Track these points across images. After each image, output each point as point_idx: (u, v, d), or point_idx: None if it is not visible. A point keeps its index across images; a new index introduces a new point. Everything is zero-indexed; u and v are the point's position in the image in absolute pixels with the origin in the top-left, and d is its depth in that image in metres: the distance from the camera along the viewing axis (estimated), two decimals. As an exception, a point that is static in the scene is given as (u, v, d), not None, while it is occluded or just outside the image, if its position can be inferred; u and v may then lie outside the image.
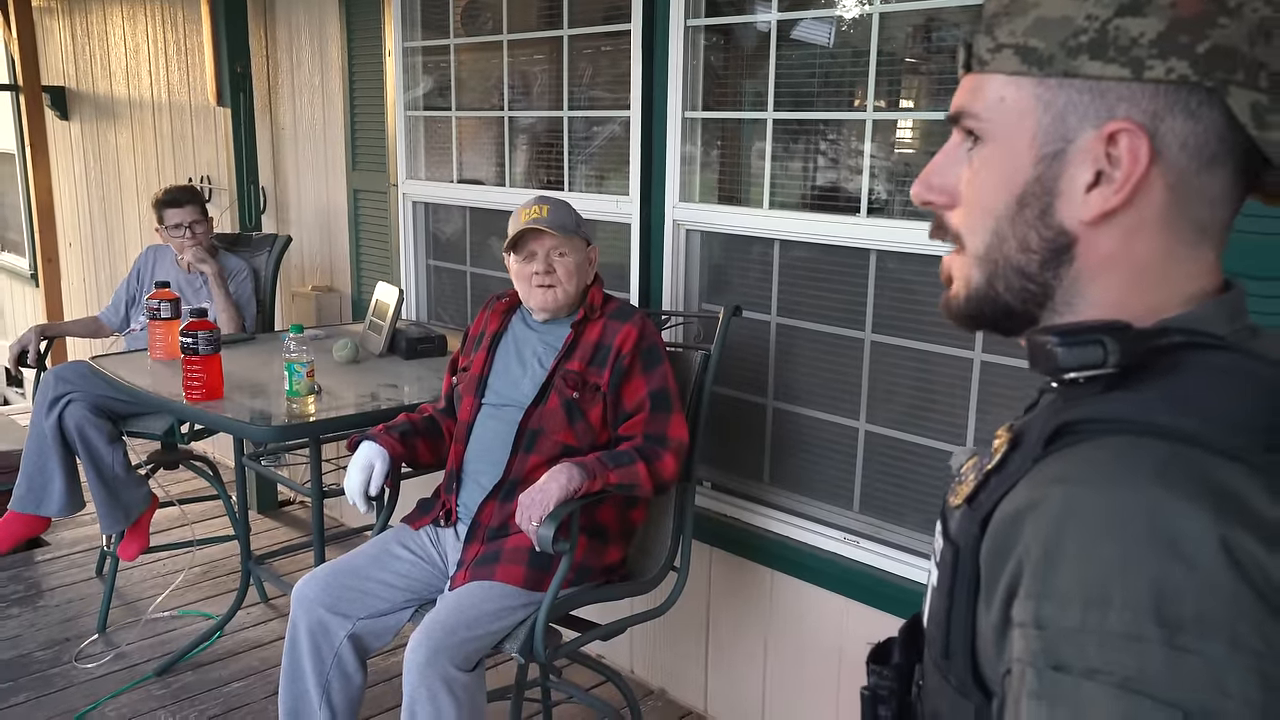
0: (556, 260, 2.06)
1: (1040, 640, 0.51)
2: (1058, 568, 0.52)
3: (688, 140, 2.43)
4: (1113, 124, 0.59)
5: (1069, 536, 0.52)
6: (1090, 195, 0.61)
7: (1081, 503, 0.53)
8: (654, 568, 2.15)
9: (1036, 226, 0.63)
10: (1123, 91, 0.59)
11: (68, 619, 3.06)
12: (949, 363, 2.05)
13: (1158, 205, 0.60)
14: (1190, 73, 0.57)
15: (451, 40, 3.07)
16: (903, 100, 2.18)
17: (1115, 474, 0.53)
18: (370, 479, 2.04)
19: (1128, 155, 0.59)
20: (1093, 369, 0.58)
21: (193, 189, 3.35)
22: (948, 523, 0.66)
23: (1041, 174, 0.62)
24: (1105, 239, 0.62)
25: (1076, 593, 0.50)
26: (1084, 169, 0.61)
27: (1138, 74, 0.58)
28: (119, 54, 4.68)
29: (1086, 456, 0.55)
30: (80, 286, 5.37)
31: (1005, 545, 0.56)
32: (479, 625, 1.86)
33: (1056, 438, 0.58)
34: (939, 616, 0.64)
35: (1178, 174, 0.60)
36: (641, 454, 1.97)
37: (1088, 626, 0.50)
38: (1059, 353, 0.58)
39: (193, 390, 2.36)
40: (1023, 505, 0.56)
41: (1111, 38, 0.58)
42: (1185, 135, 0.59)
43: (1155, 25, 0.58)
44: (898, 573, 2.11)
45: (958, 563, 0.62)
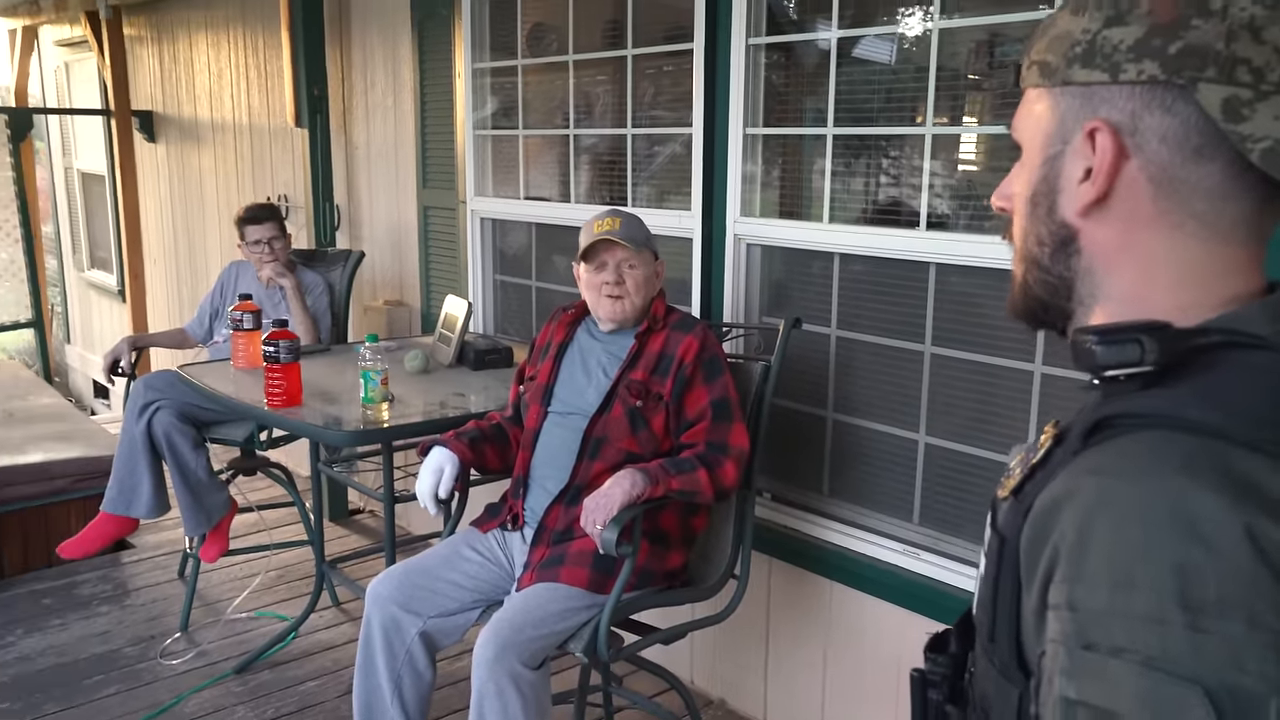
0: (627, 272, 2.13)
1: (1072, 621, 0.55)
2: (1088, 553, 0.55)
3: (749, 156, 2.49)
4: (1090, 123, 0.65)
5: (1099, 524, 0.56)
6: (1080, 189, 0.67)
7: (1112, 492, 0.56)
8: (714, 575, 2.21)
9: (1045, 221, 0.69)
10: (1104, 94, 0.65)
11: (153, 617, 3.22)
12: (1010, 375, 2.07)
13: (1145, 197, 0.65)
14: (1159, 72, 0.62)
15: (519, 61, 3.18)
16: (962, 116, 2.21)
17: (1145, 466, 0.57)
18: (440, 482, 2.13)
19: (1100, 149, 0.65)
20: (1131, 366, 0.62)
21: (272, 206, 3.51)
22: (996, 514, 0.70)
23: (1046, 174, 0.69)
24: (1102, 230, 0.67)
25: (1105, 577, 0.54)
26: (1076, 165, 0.67)
27: (1115, 76, 0.64)
28: (203, 79, 4.92)
29: (1120, 449, 0.59)
30: (163, 301, 5.62)
31: (1043, 532, 0.60)
32: (545, 624, 1.94)
33: (1095, 432, 0.61)
34: (986, 603, 0.68)
35: (1159, 167, 0.64)
36: (703, 461, 2.03)
37: (1114, 608, 0.53)
38: (1098, 351, 0.62)
39: (274, 397, 2.49)
40: (1060, 495, 0.59)
41: (1098, 47, 0.64)
42: (1164, 130, 0.63)
43: (1135, 32, 0.63)
44: (958, 585, 2.12)
45: (1003, 552, 0.66)
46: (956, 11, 2.11)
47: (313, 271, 3.49)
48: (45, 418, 4.28)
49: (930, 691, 0.80)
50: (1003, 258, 1.97)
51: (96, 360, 6.33)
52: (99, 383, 6.73)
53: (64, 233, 7.11)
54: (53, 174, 7.19)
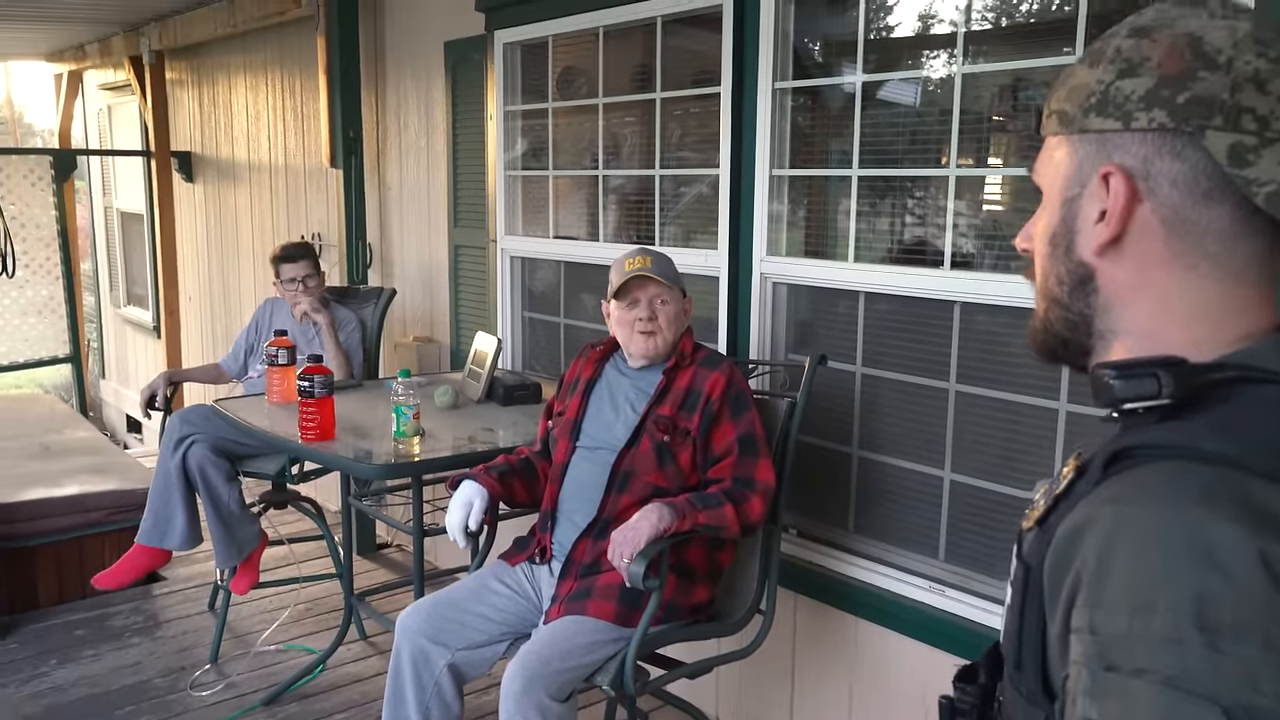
0: (659, 308, 2.19)
1: (1094, 644, 0.58)
2: (1108, 579, 0.58)
3: (775, 196, 2.55)
4: (1104, 167, 0.69)
5: (1119, 550, 0.58)
6: (1095, 229, 0.71)
7: (1132, 520, 0.59)
8: (740, 610, 2.23)
9: (1064, 261, 0.74)
10: (1118, 140, 0.69)
11: (183, 649, 3.26)
12: (1034, 413, 2.09)
13: (1158, 238, 0.69)
14: (1169, 120, 0.66)
15: (549, 104, 3.27)
16: (985, 157, 2.26)
17: (1163, 495, 0.59)
18: (470, 515, 2.17)
19: (1114, 192, 0.69)
20: (1148, 400, 0.65)
21: (307, 245, 3.61)
22: (1021, 545, 0.74)
23: (1065, 216, 0.73)
24: (1119, 269, 0.71)
25: (1125, 601, 0.57)
26: (1092, 207, 0.71)
27: (1127, 124, 0.68)
28: (241, 121, 5.07)
29: (1138, 479, 0.62)
30: (197, 338, 5.75)
31: (1065, 559, 0.62)
32: (572, 657, 1.96)
33: (1114, 463, 0.64)
34: (1012, 632, 0.71)
35: (1171, 209, 0.68)
36: (729, 496, 2.06)
37: (1134, 631, 0.56)
38: (1116, 385, 0.66)
39: (308, 430, 2.55)
40: (1081, 523, 0.62)
41: (1111, 96, 0.69)
42: (1174, 174, 0.67)
43: (1145, 83, 0.67)
44: (983, 622, 2.13)
45: (1028, 580, 0.69)
46: (980, 57, 2.16)
47: (345, 308, 3.57)
48: (81, 451, 4.37)
49: (957, 719, 0.82)
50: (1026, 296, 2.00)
51: (131, 395, 6.47)
52: (132, 417, 6.85)
53: (102, 270, 7.29)
54: (93, 213, 7.39)
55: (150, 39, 5.38)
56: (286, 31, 4.52)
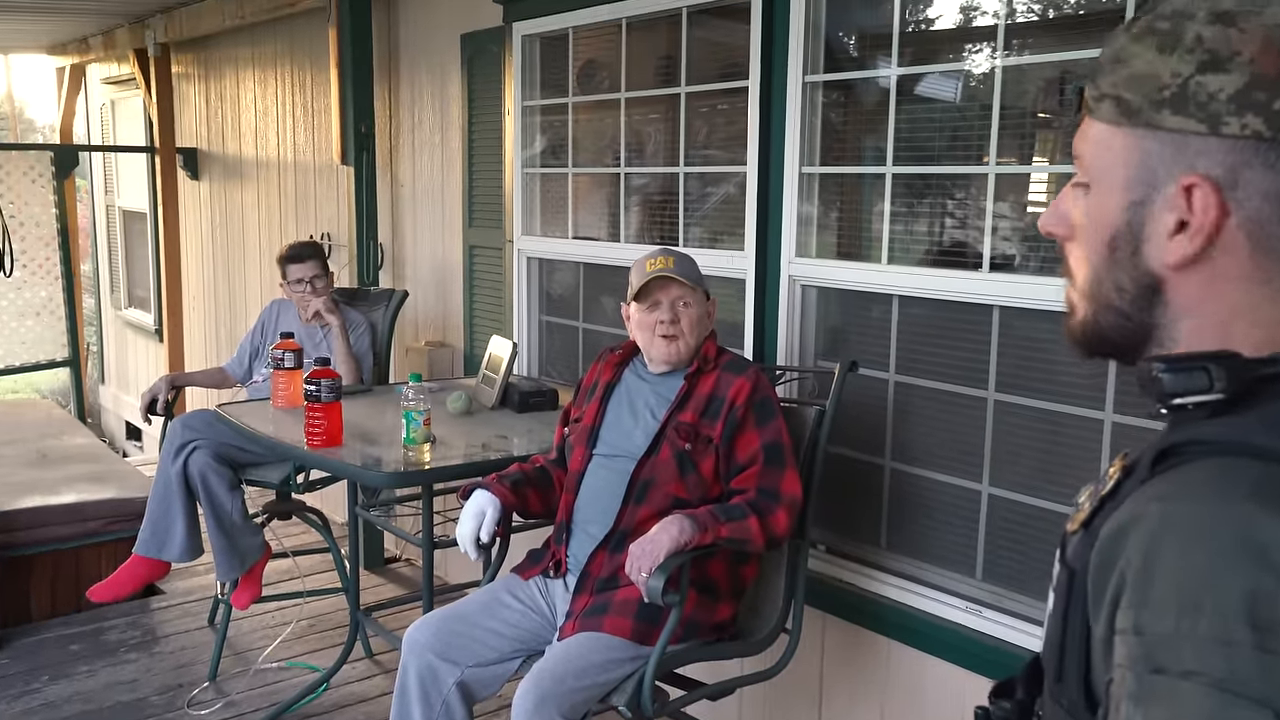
0: (681, 310, 2.22)
1: (1140, 645, 0.58)
2: (1154, 578, 0.59)
3: (804, 196, 2.58)
4: (1188, 177, 0.67)
5: (1165, 548, 0.59)
6: (1172, 242, 0.69)
7: (1178, 517, 0.60)
8: (764, 628, 2.25)
9: (1127, 269, 0.72)
10: (1201, 145, 0.66)
11: (181, 665, 3.32)
12: (1078, 424, 2.11)
13: (1241, 252, 0.68)
14: (1264, 129, 0.64)
15: (570, 99, 3.32)
16: (1027, 155, 2.28)
17: (1211, 491, 0.60)
18: (481, 526, 2.21)
19: (1200, 207, 0.67)
20: (1199, 395, 0.65)
21: (315, 245, 3.67)
22: (1065, 549, 0.74)
23: (1130, 219, 0.71)
24: (1191, 283, 0.69)
25: (1172, 600, 0.57)
26: (1168, 217, 0.69)
27: (1214, 129, 0.65)
28: (249, 116, 5.17)
29: (1187, 476, 0.63)
30: (200, 341, 5.84)
31: (1109, 559, 0.63)
32: (586, 676, 1.99)
33: (1162, 459, 0.65)
34: (1054, 639, 0.72)
35: (1259, 224, 0.66)
36: (754, 508, 2.08)
37: (1182, 631, 0.56)
38: (1165, 379, 0.66)
39: (314, 436, 2.60)
40: (1125, 521, 0.63)
41: (1192, 93, 0.66)
42: (1267, 188, 0.65)
43: (1235, 82, 0.64)
44: (1022, 644, 2.14)
45: (1072, 585, 0.69)
46: (1024, 49, 2.18)
47: (355, 310, 3.63)
48: (78, 458, 4.46)
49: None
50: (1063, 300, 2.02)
51: (131, 401, 6.57)
52: (132, 424, 6.96)
53: (103, 271, 7.43)
54: (94, 211, 7.54)
55: (155, 31, 5.49)
56: (297, 23, 4.61)
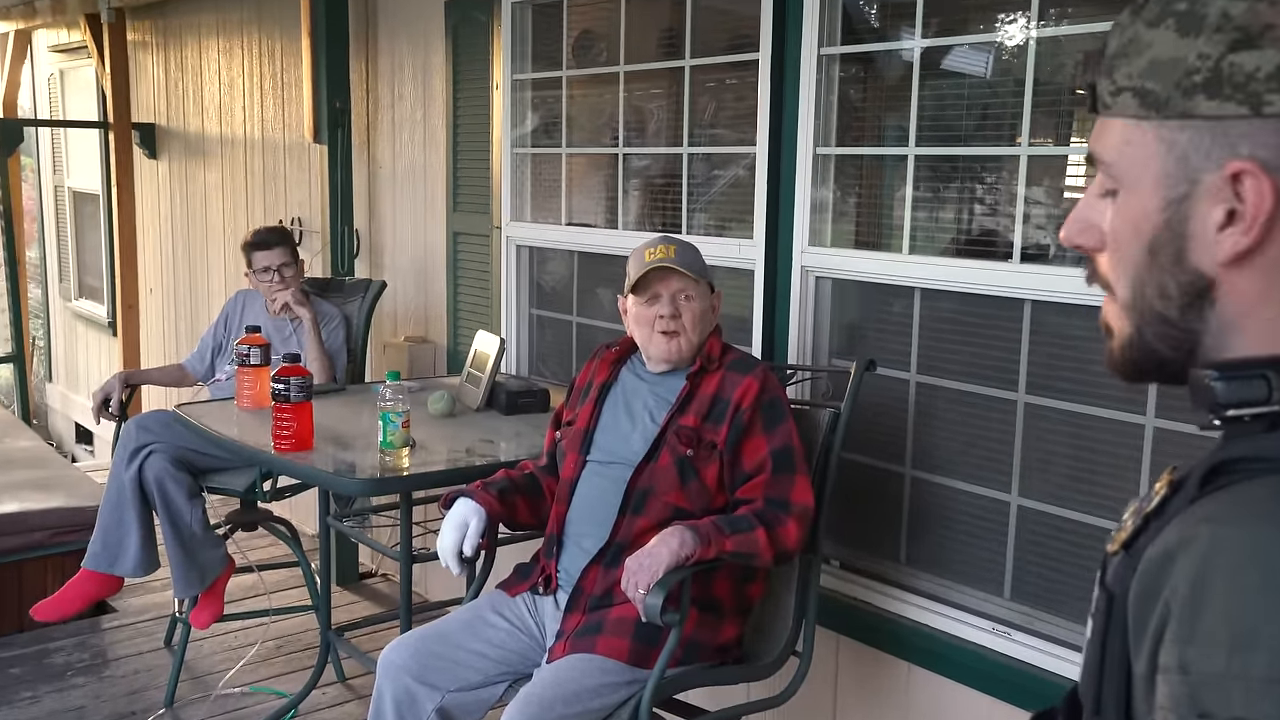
0: (683, 304, 2.22)
1: (1184, 685, 0.57)
2: (1203, 610, 0.58)
3: (819, 179, 2.59)
4: (1234, 164, 0.67)
5: (1216, 577, 0.58)
6: (1222, 236, 0.68)
7: (1231, 543, 0.59)
8: (772, 651, 2.25)
9: (1172, 272, 0.71)
10: (1244, 129, 0.66)
11: (134, 691, 3.32)
12: (1117, 429, 2.11)
13: None
14: None
15: (564, 73, 3.33)
16: (1064, 135, 2.28)
17: (1267, 513, 0.59)
18: (465, 538, 2.20)
19: (1253, 194, 0.66)
20: (1256, 405, 0.65)
21: (283, 230, 3.68)
22: (1105, 571, 0.74)
23: (1170, 218, 0.71)
24: (1245, 280, 0.69)
25: (1223, 636, 0.56)
26: (1215, 209, 0.68)
27: (1257, 110, 0.66)
28: (213, 90, 5.17)
29: (1241, 496, 0.62)
30: (159, 335, 5.84)
31: (1154, 587, 0.62)
32: (578, 701, 1.99)
33: (1213, 477, 0.65)
34: (1092, 668, 0.72)
35: None
36: (761, 519, 2.09)
37: (1233, 671, 0.55)
38: (1218, 388, 0.66)
39: (282, 440, 2.60)
40: (1172, 545, 0.62)
41: (1226, 75, 0.66)
42: None
43: (1272, 58, 0.65)
44: (1054, 670, 2.15)
45: (1112, 610, 0.69)
46: (1060, 18, 2.19)
47: (328, 303, 3.63)
48: (23, 463, 4.46)
49: None
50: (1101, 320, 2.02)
51: (81, 401, 6.57)
52: (82, 426, 6.96)
53: (50, 258, 7.42)
54: (40, 193, 7.54)
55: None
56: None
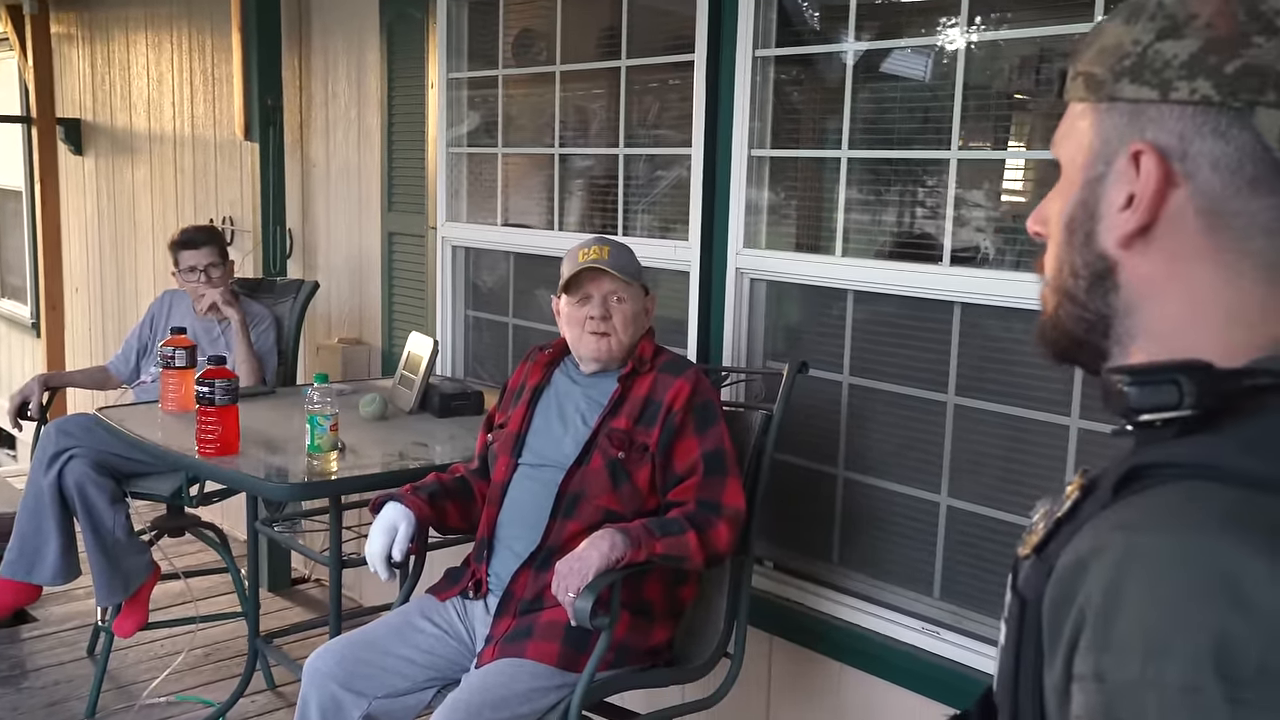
0: (614, 306, 2.23)
1: (1100, 694, 0.57)
2: (1117, 618, 0.58)
3: (754, 181, 2.61)
4: (1134, 144, 0.69)
5: (1130, 585, 0.58)
6: (1120, 217, 0.71)
7: (1145, 550, 0.59)
8: (704, 653, 2.27)
9: (1082, 252, 0.74)
10: (1153, 113, 0.69)
11: (54, 702, 3.25)
12: (1043, 430, 2.15)
13: (1193, 229, 0.69)
14: (1214, 93, 0.66)
15: (500, 71, 3.32)
16: (995, 139, 2.32)
17: (1182, 520, 0.59)
18: (394, 543, 2.19)
19: (1143, 174, 0.69)
20: (1168, 410, 0.64)
21: (211, 229, 3.64)
22: (1017, 575, 0.74)
23: (1086, 198, 0.73)
24: (1145, 264, 0.71)
25: (1138, 644, 0.56)
26: (1119, 191, 0.71)
27: (1165, 95, 0.68)
28: (140, 85, 5.09)
29: (1154, 502, 0.62)
30: (85, 337, 5.73)
31: (1068, 595, 0.62)
32: (506, 707, 1.99)
33: (1127, 483, 0.64)
34: (1006, 677, 0.72)
35: (1210, 197, 0.67)
36: (693, 522, 2.10)
37: (1147, 679, 0.55)
38: (1131, 393, 0.66)
39: (206, 444, 2.56)
40: (1085, 552, 0.62)
41: (1149, 60, 0.69)
42: (1216, 156, 0.67)
43: (1189, 47, 0.67)
44: (983, 668, 2.18)
45: (1025, 616, 0.68)
46: (993, 24, 2.23)
47: (258, 304, 3.59)
48: (-60, 468, 4.36)
49: None
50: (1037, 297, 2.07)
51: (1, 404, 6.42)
52: (4, 430, 6.79)
53: (-30, 257, 7.25)
54: (-40, 190, 7.35)
55: (33, -15, 5.39)
56: (196, -20, 4.55)
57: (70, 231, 5.80)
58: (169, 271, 3.55)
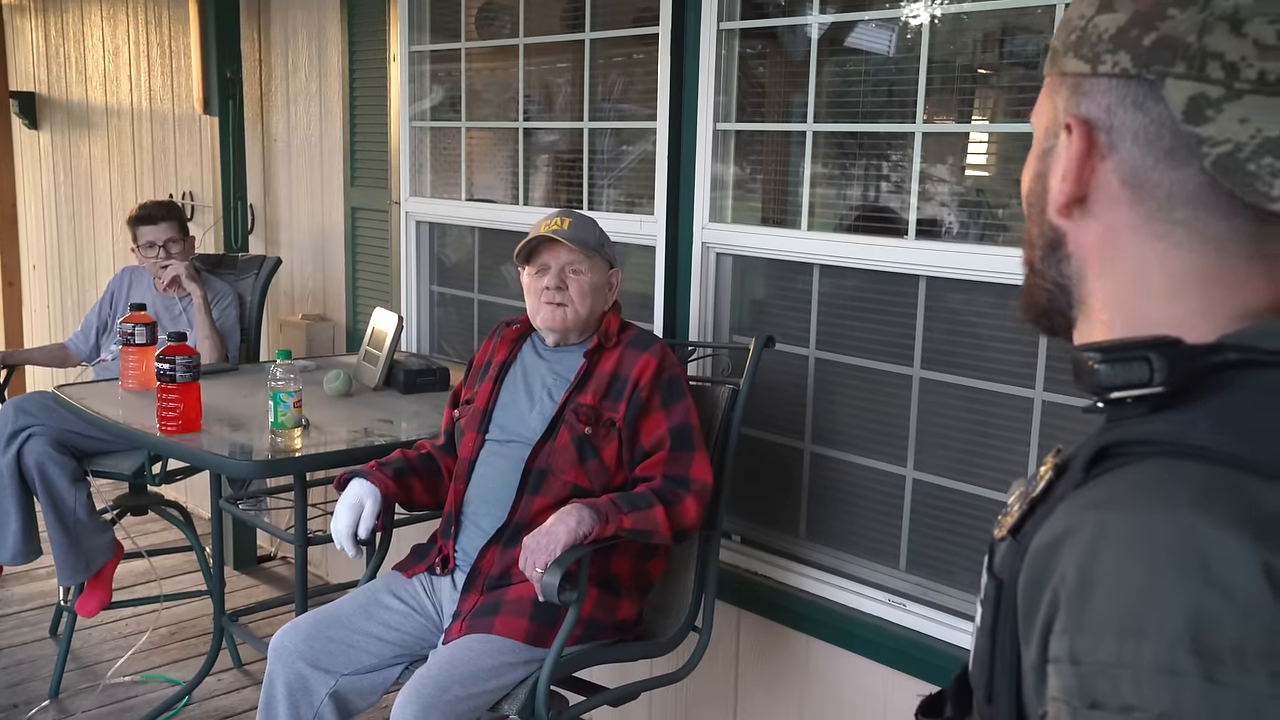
0: (570, 277, 2.21)
1: (1075, 676, 0.57)
2: (1092, 598, 0.57)
3: (719, 154, 2.59)
4: (1068, 117, 0.71)
5: (1104, 565, 0.57)
6: (1059, 187, 0.72)
7: (1117, 529, 0.58)
8: (673, 627, 2.27)
9: (1038, 222, 0.76)
10: (1087, 86, 0.71)
11: (16, 683, 3.22)
12: (1008, 402, 2.16)
13: (1122, 200, 0.70)
14: (1130, 65, 0.67)
15: (463, 44, 3.27)
16: (959, 113, 2.32)
17: (1152, 499, 0.59)
18: (360, 519, 2.17)
19: (1071, 147, 0.71)
20: (1139, 387, 0.64)
21: (171, 205, 3.57)
22: (994, 557, 0.74)
23: (1040, 171, 0.75)
24: (1085, 234, 0.72)
25: (1111, 624, 0.56)
26: (1060, 163, 0.72)
27: (1094, 68, 0.70)
28: (96, 57, 4.98)
29: (1125, 481, 0.62)
30: (43, 314, 5.64)
31: (1042, 576, 0.62)
32: (474, 683, 1.98)
33: (1098, 461, 0.64)
34: (982, 658, 0.71)
35: (1132, 168, 0.69)
36: (660, 497, 2.09)
37: (1123, 660, 0.55)
38: (1101, 370, 0.65)
39: (167, 422, 2.53)
40: (1059, 533, 0.61)
41: (1088, 34, 0.70)
42: (1135, 128, 0.68)
43: (1118, 20, 0.68)
44: (949, 639, 2.20)
45: (1001, 598, 0.68)
46: (954, -3, 2.22)
47: (220, 280, 3.54)
48: (-103, 448, 4.26)
49: None
50: (1001, 271, 2.09)
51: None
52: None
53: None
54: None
55: (-14, -44, 5.25)
56: (152, -50, 4.45)
57: (27, 207, 5.70)
58: (128, 248, 3.49)
